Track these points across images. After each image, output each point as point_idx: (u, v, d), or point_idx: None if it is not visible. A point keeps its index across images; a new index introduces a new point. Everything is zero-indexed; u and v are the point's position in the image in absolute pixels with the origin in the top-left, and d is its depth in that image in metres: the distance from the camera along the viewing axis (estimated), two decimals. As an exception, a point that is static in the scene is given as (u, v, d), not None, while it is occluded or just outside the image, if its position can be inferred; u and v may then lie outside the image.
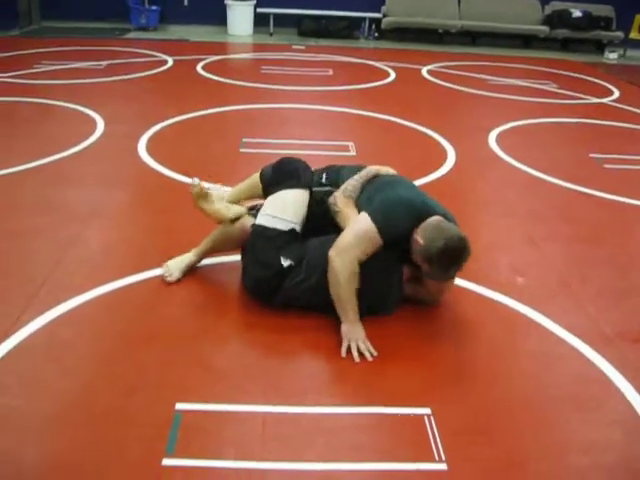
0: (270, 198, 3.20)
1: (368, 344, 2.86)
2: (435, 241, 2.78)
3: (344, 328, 2.89)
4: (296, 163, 3.28)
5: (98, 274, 3.37)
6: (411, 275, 3.13)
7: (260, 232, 3.10)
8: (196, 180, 3.31)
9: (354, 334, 2.87)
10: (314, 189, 3.23)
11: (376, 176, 3.22)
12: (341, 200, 3.14)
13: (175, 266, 3.38)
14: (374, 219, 2.89)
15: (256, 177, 3.34)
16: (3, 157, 4.94)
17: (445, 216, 2.99)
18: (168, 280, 3.34)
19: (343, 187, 3.18)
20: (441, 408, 2.55)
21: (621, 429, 2.53)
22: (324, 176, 3.32)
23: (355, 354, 2.81)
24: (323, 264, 2.95)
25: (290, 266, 3.02)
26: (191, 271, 3.42)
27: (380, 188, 3.11)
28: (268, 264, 3.05)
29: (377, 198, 3.02)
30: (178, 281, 3.35)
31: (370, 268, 2.94)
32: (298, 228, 3.13)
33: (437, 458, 2.30)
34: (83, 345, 2.85)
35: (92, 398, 2.51)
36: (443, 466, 2.27)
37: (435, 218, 2.92)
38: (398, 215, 2.92)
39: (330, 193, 3.21)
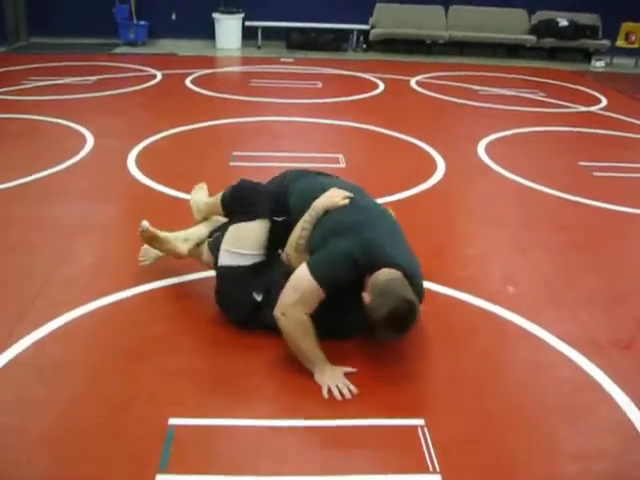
0: (228, 233, 3.10)
1: (347, 382, 2.72)
2: (381, 307, 2.59)
3: (317, 377, 2.76)
4: (251, 191, 3.17)
5: (88, 290, 3.37)
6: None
7: (225, 273, 3.06)
8: (145, 224, 3.34)
9: (328, 379, 2.73)
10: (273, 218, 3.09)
11: (327, 212, 2.96)
12: (294, 257, 2.98)
13: (152, 252, 3.52)
14: (313, 272, 2.71)
15: (218, 199, 3.29)
16: (-8, 174, 4.94)
17: (394, 262, 2.73)
18: (141, 263, 3.52)
19: (294, 241, 2.98)
20: (434, 419, 2.55)
21: (613, 437, 2.53)
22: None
23: (336, 393, 2.67)
24: None
25: (263, 298, 2.97)
26: (181, 285, 3.42)
27: (327, 238, 2.86)
28: (241, 303, 3.01)
29: (321, 250, 2.83)
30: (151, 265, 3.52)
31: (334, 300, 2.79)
32: (261, 258, 3.04)
33: (431, 469, 2.30)
34: (75, 361, 2.84)
35: (84, 414, 2.50)
36: (437, 477, 2.27)
37: (384, 277, 2.67)
38: (339, 269, 2.73)
39: (285, 223, 3.07)
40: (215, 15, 11.95)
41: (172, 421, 2.46)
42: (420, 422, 2.53)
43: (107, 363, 2.83)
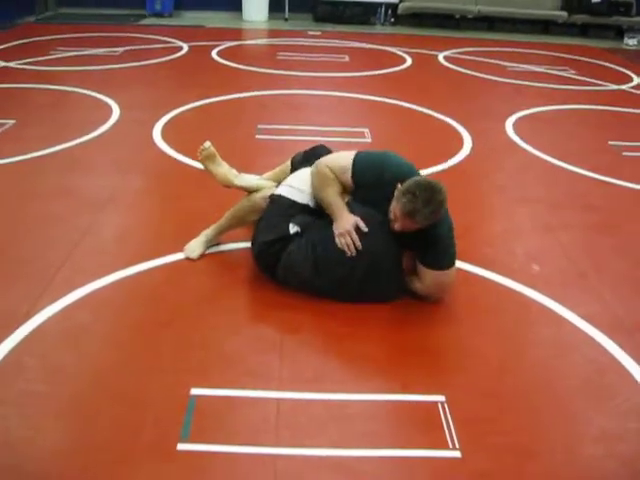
0: (293, 174, 3.36)
1: (353, 236, 3.01)
2: (407, 185, 2.91)
3: (334, 225, 3.08)
4: (324, 150, 3.45)
5: (114, 259, 3.39)
6: (409, 266, 3.13)
7: (276, 200, 3.21)
8: (208, 143, 3.45)
9: (341, 226, 3.04)
10: None
11: None
12: None
13: (195, 244, 3.46)
14: (354, 156, 3.16)
15: (288, 161, 3.54)
16: (19, 144, 4.97)
17: None
18: (192, 257, 3.41)
19: None
20: (455, 395, 2.55)
21: (636, 418, 2.51)
22: None
23: (345, 249, 3.01)
24: (324, 244, 3.03)
25: (296, 233, 3.10)
26: (206, 257, 3.43)
27: None
28: (276, 228, 3.12)
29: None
30: (201, 257, 3.44)
31: (369, 253, 3.00)
32: (312, 204, 3.21)
33: (451, 445, 2.30)
34: (100, 329, 2.87)
35: (109, 382, 2.54)
36: (457, 453, 2.27)
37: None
38: (372, 166, 3.14)
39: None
40: (242, -13, 11.87)
41: (194, 391, 2.49)
42: (441, 398, 2.52)
43: (132, 331, 2.87)
